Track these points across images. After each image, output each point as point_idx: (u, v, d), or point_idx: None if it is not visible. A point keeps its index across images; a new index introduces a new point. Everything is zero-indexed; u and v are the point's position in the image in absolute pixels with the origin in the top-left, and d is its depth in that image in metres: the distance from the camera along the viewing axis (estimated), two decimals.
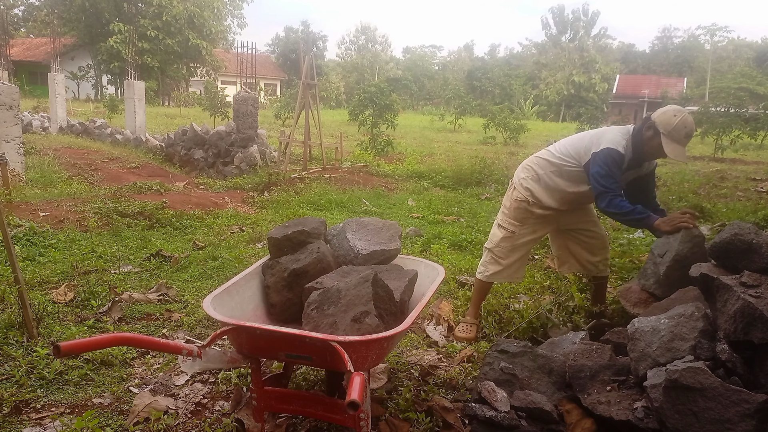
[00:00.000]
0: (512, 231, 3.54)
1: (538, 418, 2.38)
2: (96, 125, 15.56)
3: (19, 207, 6.34)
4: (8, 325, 3.34)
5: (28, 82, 31.52)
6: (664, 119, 3.15)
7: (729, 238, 2.57)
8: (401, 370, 3.16)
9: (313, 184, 9.48)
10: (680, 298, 2.87)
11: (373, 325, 2.14)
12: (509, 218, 3.57)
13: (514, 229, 3.54)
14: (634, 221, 3.28)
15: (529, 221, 3.54)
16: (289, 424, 2.57)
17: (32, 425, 2.51)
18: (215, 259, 5.14)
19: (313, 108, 11.80)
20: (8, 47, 17.04)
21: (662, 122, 3.15)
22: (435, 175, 11.04)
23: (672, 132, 3.12)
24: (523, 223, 3.54)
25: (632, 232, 6.69)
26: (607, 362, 2.58)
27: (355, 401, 1.67)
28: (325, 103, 35.35)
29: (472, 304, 3.77)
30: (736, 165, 15.21)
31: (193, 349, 2.07)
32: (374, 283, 2.27)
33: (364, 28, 58.67)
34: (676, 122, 3.10)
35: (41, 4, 38.57)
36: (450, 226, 6.98)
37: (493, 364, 2.67)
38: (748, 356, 2.26)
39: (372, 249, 2.83)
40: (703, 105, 23.15)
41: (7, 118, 8.10)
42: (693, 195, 9.31)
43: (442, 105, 37.48)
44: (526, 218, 3.53)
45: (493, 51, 66.80)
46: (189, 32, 32.28)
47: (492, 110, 22.59)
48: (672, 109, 3.18)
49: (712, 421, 2.09)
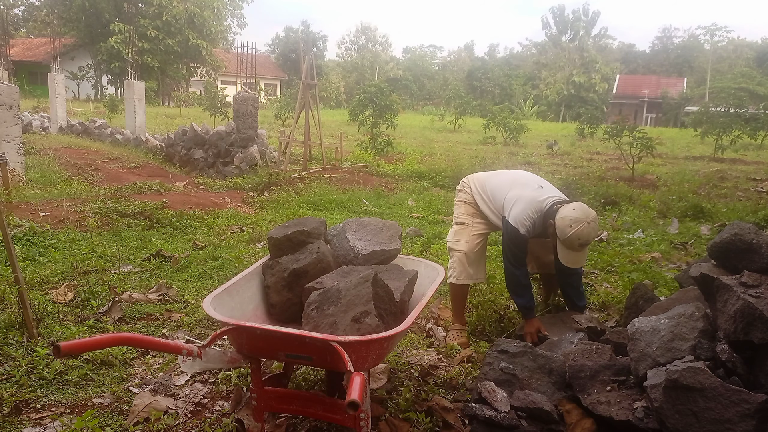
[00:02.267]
0: (465, 223, 3.64)
1: (538, 418, 2.38)
2: (96, 125, 15.56)
3: (19, 207, 6.34)
4: (8, 325, 3.34)
5: (28, 82, 31.50)
6: (561, 226, 3.10)
7: (729, 238, 2.57)
8: (401, 370, 3.16)
9: (313, 184, 9.48)
10: (680, 298, 2.87)
11: (373, 325, 2.14)
12: (460, 212, 3.71)
13: (467, 220, 3.65)
14: (516, 300, 3.45)
15: (479, 214, 3.66)
16: (289, 424, 2.57)
17: (32, 425, 2.51)
18: (215, 259, 5.14)
19: (313, 108, 11.80)
20: (8, 47, 17.05)
21: (559, 228, 3.11)
22: (435, 175, 11.04)
23: (566, 241, 3.10)
24: (474, 216, 3.66)
25: (632, 232, 6.69)
26: (607, 362, 2.58)
27: (355, 401, 1.67)
28: (325, 103, 35.34)
29: (454, 311, 3.72)
30: (736, 165, 15.21)
31: (193, 349, 2.07)
32: (374, 283, 2.27)
33: (364, 28, 58.64)
34: (569, 234, 3.05)
35: (41, 4, 38.54)
36: (450, 226, 6.97)
37: (493, 364, 2.67)
38: (748, 356, 2.26)
39: (372, 249, 2.83)
40: (703, 105, 23.18)
41: (7, 118, 8.10)
42: (693, 195, 9.31)
43: (442, 105, 37.49)
44: (476, 212, 3.66)
45: (492, 51, 66.78)
46: (189, 32, 32.26)
47: (492, 110, 22.61)
48: (570, 218, 3.07)
49: (712, 421, 2.09)
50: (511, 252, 3.32)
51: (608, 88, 46.20)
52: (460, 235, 3.64)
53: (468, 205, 3.69)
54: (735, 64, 49.70)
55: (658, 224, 7.32)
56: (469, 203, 3.70)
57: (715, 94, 31.24)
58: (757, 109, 20.87)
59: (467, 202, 3.71)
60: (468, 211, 3.69)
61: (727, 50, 54.54)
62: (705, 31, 52.20)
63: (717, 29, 51.06)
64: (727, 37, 53.78)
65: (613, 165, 14.29)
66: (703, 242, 6.20)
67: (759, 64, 45.01)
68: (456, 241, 3.64)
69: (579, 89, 44.98)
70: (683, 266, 4.76)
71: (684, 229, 7.04)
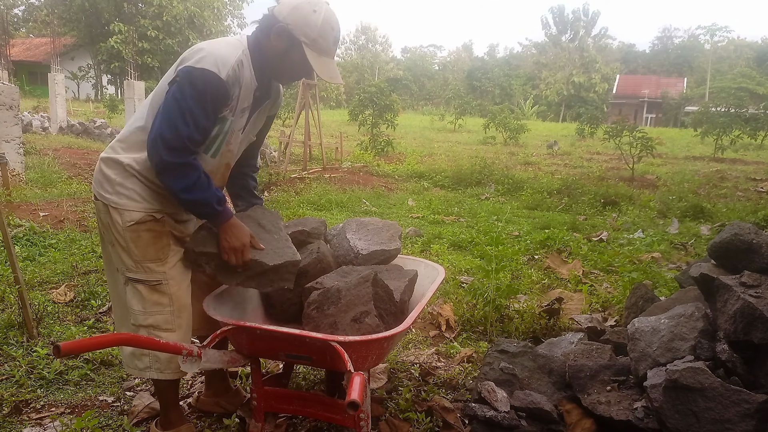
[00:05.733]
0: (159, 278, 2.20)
1: (538, 418, 2.38)
2: (96, 125, 15.56)
3: (19, 207, 6.34)
4: (8, 325, 3.34)
5: (28, 82, 31.52)
6: (300, 18, 2.05)
7: (729, 238, 2.57)
8: (401, 370, 3.16)
9: (313, 184, 9.48)
10: (680, 298, 2.87)
11: (373, 325, 2.13)
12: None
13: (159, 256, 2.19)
14: (199, 204, 2.10)
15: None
16: (289, 424, 2.57)
17: (32, 425, 2.50)
18: None
19: (313, 108, 11.80)
20: (8, 47, 17.06)
21: (297, 25, 2.06)
22: (435, 175, 11.05)
23: (318, 37, 2.07)
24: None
25: (632, 232, 6.69)
26: (607, 362, 2.58)
27: (355, 401, 1.67)
28: (325, 103, 35.35)
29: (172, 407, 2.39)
30: (736, 165, 15.22)
31: (193, 350, 2.07)
32: (374, 283, 2.27)
33: (365, 28, 58.67)
34: (319, 22, 2.06)
35: (41, 4, 38.56)
36: (450, 226, 6.98)
37: (493, 364, 2.67)
38: (748, 356, 2.25)
39: (372, 249, 2.83)
40: (703, 105, 23.18)
41: (7, 118, 8.10)
42: (693, 195, 9.31)
43: (442, 105, 37.50)
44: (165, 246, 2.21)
45: (492, 51, 66.81)
46: (189, 32, 32.29)
47: (492, 110, 22.62)
48: (306, 3, 2.07)
49: (712, 421, 2.09)
50: (191, 115, 1.98)
51: (608, 88, 46.24)
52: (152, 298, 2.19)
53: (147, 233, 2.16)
54: (735, 64, 49.74)
55: (658, 224, 7.33)
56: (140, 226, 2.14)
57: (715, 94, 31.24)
58: (757, 109, 20.89)
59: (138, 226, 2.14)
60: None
61: (727, 50, 54.58)
62: (705, 31, 52.27)
63: (717, 29, 51.12)
64: (727, 37, 53.87)
65: (613, 165, 14.30)
66: (703, 242, 6.20)
67: (759, 64, 45.03)
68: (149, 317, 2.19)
69: (579, 89, 45.03)
70: (683, 266, 4.76)
71: (684, 229, 7.05)
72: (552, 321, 3.68)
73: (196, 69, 1.99)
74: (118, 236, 2.15)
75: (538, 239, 6.11)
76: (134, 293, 2.19)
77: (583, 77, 45.27)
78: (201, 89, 1.99)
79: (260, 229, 2.30)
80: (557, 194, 9.37)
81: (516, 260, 4.65)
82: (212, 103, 2.03)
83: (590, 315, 3.77)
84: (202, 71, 1.99)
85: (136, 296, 2.19)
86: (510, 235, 6.33)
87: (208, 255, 2.21)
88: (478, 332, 3.74)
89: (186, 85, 1.99)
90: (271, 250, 2.21)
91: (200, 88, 1.99)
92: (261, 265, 2.18)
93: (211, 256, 2.21)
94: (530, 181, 10.47)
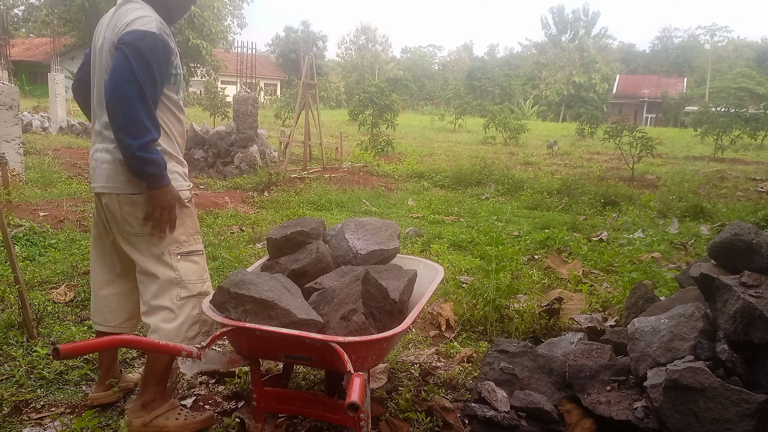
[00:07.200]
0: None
1: (538, 418, 2.38)
2: None
3: (19, 207, 6.33)
4: (8, 325, 3.34)
5: (28, 82, 31.52)
6: None
7: (729, 238, 2.57)
8: (401, 370, 3.16)
9: (313, 184, 9.48)
10: (680, 298, 2.87)
11: (360, 322, 2.13)
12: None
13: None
14: (151, 164, 2.18)
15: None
16: (289, 424, 2.57)
17: (32, 425, 2.51)
18: (215, 259, 5.13)
19: (313, 108, 11.80)
20: (8, 47, 17.05)
21: None
22: (435, 175, 11.04)
23: None
24: None
25: (632, 232, 6.69)
26: (607, 362, 2.58)
27: (354, 403, 1.67)
28: (325, 103, 35.35)
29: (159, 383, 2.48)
30: (736, 165, 15.22)
31: (192, 350, 2.07)
32: (364, 281, 2.27)
33: (364, 28, 58.66)
34: None
35: (41, 4, 38.49)
36: (450, 226, 6.98)
37: (493, 364, 2.67)
38: (748, 356, 2.26)
39: (371, 249, 2.83)
40: (703, 105, 23.20)
41: (7, 118, 8.10)
42: (693, 195, 9.31)
43: (442, 105, 37.51)
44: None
45: (492, 51, 66.82)
46: (189, 32, 32.23)
47: (492, 110, 22.63)
48: None
49: (712, 421, 2.09)
50: (146, 74, 2.15)
51: (608, 88, 46.24)
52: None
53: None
54: (735, 64, 49.76)
55: (658, 224, 7.33)
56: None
57: (715, 94, 31.25)
58: (757, 109, 20.91)
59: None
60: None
61: (727, 50, 54.60)
62: (705, 31, 52.32)
63: (717, 29, 51.17)
64: (727, 37, 53.90)
65: (613, 165, 14.30)
66: (703, 242, 6.20)
67: (759, 64, 45.04)
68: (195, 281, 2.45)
69: (579, 89, 45.03)
70: (683, 266, 4.76)
71: (684, 229, 7.05)
72: (552, 321, 3.68)
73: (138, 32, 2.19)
74: (153, 220, 2.30)
75: (538, 239, 6.10)
76: (189, 266, 2.42)
77: (583, 77, 45.27)
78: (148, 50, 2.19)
79: (285, 290, 2.33)
80: (557, 194, 9.37)
81: (516, 260, 4.65)
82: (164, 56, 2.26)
83: (590, 315, 3.76)
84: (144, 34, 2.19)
85: (191, 268, 2.42)
86: (510, 235, 6.33)
87: (240, 297, 2.19)
88: (478, 332, 3.74)
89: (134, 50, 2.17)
90: (298, 307, 2.22)
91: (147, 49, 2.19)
92: (290, 315, 2.16)
93: (245, 299, 2.19)
94: (530, 181, 10.47)
